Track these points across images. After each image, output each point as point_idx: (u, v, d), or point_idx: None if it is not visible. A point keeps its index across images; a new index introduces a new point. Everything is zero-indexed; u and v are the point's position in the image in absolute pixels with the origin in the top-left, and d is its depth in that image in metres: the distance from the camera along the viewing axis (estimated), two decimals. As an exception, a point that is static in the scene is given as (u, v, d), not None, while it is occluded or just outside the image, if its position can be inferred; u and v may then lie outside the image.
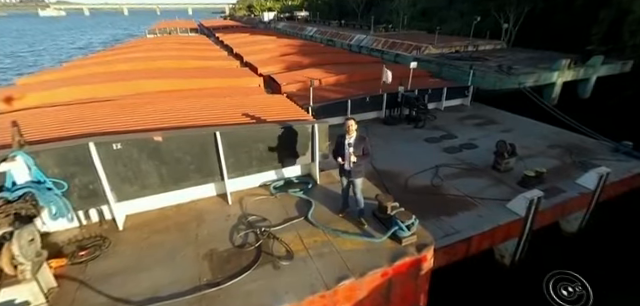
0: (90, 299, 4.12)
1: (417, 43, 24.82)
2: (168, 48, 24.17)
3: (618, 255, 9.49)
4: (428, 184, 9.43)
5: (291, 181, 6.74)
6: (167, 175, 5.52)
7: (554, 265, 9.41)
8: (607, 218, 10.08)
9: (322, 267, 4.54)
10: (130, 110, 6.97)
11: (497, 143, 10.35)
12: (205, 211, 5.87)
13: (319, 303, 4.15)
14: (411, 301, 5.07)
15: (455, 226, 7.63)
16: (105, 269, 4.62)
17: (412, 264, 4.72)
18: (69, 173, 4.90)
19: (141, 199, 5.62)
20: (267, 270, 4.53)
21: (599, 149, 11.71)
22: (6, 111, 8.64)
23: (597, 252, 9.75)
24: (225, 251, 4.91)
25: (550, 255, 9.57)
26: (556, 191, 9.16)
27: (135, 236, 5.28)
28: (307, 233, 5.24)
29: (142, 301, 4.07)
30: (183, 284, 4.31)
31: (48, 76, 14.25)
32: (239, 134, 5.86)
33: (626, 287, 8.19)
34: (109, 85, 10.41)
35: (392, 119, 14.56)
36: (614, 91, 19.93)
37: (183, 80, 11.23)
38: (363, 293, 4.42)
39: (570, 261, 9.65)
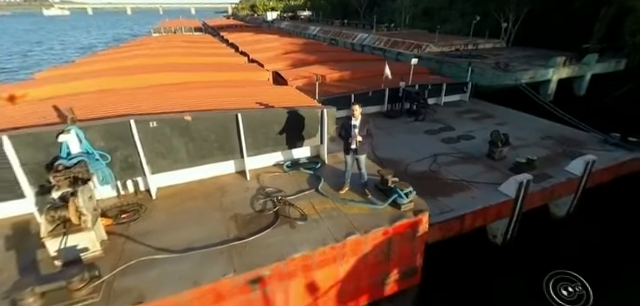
0: (136, 249, 4.87)
1: (418, 42, 25.52)
2: (177, 46, 24.94)
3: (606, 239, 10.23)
4: (426, 170, 10.13)
5: (302, 161, 7.48)
6: (194, 151, 6.28)
7: (543, 246, 10.21)
8: (595, 203, 10.78)
9: (332, 226, 5.28)
10: (158, 96, 7.73)
11: (491, 133, 11.05)
12: (226, 184, 6.63)
13: (330, 253, 4.89)
14: (408, 260, 5.80)
15: (450, 205, 8.33)
16: (145, 228, 5.38)
17: (409, 225, 5.45)
18: (112, 147, 5.66)
19: (171, 173, 6.38)
20: (284, 229, 5.28)
21: (589, 140, 12.37)
22: (36, 99, 9.43)
23: (585, 236, 10.51)
24: (247, 215, 5.66)
25: (540, 238, 10.30)
26: (545, 177, 9.86)
27: (167, 204, 6.03)
28: (318, 202, 5.98)
29: (180, 250, 4.82)
30: (213, 239, 5.06)
31: (65, 71, 15.02)
32: (257, 116, 6.62)
33: (624, 284, 8.40)
34: (129, 77, 11.18)
35: (394, 113, 15.27)
36: (609, 89, 20.60)
37: (197, 73, 12.01)
38: (367, 248, 5.16)
39: (559, 245, 10.48)
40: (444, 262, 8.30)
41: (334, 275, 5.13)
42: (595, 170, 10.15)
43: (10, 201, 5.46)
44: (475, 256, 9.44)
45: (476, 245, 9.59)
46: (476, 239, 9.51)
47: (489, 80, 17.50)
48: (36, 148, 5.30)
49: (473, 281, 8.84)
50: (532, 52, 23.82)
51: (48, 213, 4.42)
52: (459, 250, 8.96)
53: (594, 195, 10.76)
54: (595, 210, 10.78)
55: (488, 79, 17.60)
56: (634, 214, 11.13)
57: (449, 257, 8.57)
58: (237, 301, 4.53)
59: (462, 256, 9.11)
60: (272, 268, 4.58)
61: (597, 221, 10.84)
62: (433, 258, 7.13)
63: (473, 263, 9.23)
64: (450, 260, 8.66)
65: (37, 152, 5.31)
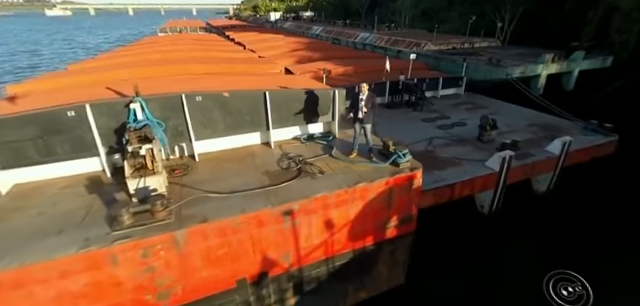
0: (191, 192, 6.20)
1: (417, 40, 26.88)
2: (188, 43, 26.31)
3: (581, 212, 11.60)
4: (423, 150, 11.48)
5: (316, 135, 8.83)
6: (230, 123, 7.63)
7: (526, 218, 11.57)
8: (573, 181, 12.13)
9: (344, 178, 6.61)
10: (191, 82, 9.08)
11: (481, 117, 12.43)
12: (255, 152, 7.97)
13: (343, 196, 6.23)
14: (406, 209, 7.14)
15: (443, 177, 9.68)
16: (194, 180, 6.71)
17: (407, 178, 6.79)
18: (166, 116, 7.00)
19: (211, 140, 7.72)
20: (307, 180, 6.61)
21: (571, 127, 13.72)
22: (79, 85, 10.79)
23: (563, 209, 11.86)
24: (276, 171, 7.00)
25: (523, 210, 11.66)
26: (528, 155, 11.22)
27: (208, 165, 7.37)
28: (332, 162, 7.32)
29: (227, 192, 6.17)
30: (251, 185, 6.40)
31: (94, 64, 16.39)
32: (282, 95, 7.97)
33: (624, 285, 8.56)
34: (157, 68, 12.53)
35: (394, 103, 16.64)
36: (598, 84, 21.94)
37: (218, 65, 13.37)
38: (372, 194, 6.50)
39: (540, 216, 11.84)
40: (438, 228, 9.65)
41: (346, 215, 6.47)
42: (572, 150, 11.50)
43: (87, 158, 6.81)
44: (465, 223, 10.82)
45: (466, 215, 10.97)
46: (466, 209, 10.92)
47: (482, 75, 18.86)
48: (108, 116, 6.65)
49: (462, 241, 10.25)
50: (525, 50, 25.15)
51: (129, 159, 5.77)
52: (451, 218, 10.35)
53: (573, 173, 12.12)
54: (573, 187, 12.14)
55: (482, 74, 18.95)
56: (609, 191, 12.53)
57: (443, 224, 9.93)
58: (273, 229, 5.87)
59: (454, 223, 10.50)
60: (300, 204, 5.91)
61: (575, 196, 12.20)
62: (428, 222, 8.43)
63: (463, 228, 10.62)
64: (444, 226, 10.03)
65: (109, 119, 6.66)
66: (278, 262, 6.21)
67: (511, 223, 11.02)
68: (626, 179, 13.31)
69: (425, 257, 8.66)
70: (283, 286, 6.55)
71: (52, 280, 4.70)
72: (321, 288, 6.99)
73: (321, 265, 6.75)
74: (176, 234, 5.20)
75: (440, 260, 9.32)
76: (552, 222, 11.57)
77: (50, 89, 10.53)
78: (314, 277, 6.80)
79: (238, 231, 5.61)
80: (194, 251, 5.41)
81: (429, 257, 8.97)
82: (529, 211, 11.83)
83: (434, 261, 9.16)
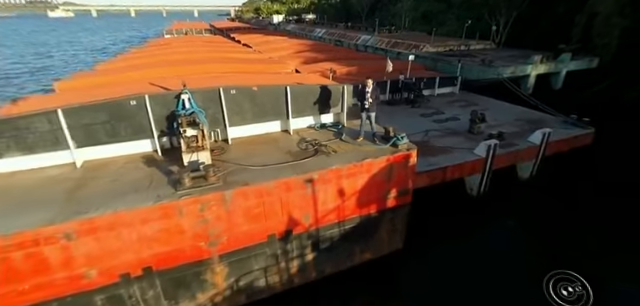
0: (229, 166, 7.71)
1: (416, 43, 28.43)
2: (200, 45, 27.83)
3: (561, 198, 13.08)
4: (420, 140, 12.98)
5: (327, 124, 10.34)
6: (256, 112, 9.14)
7: (510, 200, 13.07)
8: (553, 169, 13.63)
9: (353, 155, 8.12)
10: (220, 79, 10.61)
11: (471, 112, 13.96)
12: (277, 137, 9.47)
13: (353, 169, 7.73)
14: (403, 183, 8.64)
15: (436, 162, 11.20)
16: (231, 158, 8.22)
17: (404, 157, 8.30)
18: (206, 106, 8.51)
19: (241, 127, 9.23)
20: (322, 157, 8.11)
21: (553, 121, 15.24)
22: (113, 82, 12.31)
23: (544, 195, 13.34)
24: (297, 151, 8.49)
25: (508, 194, 13.16)
26: (512, 144, 12.75)
27: (240, 147, 8.87)
28: (342, 145, 8.84)
29: (259, 165, 7.69)
30: (278, 160, 7.92)
31: (119, 64, 17.91)
32: (299, 89, 9.48)
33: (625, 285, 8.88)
34: (185, 67, 14.08)
35: (394, 101, 18.17)
36: (584, 83, 23.48)
37: (236, 64, 14.91)
38: (376, 169, 8.00)
39: (523, 199, 13.36)
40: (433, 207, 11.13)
41: (355, 186, 7.97)
42: (552, 141, 13.02)
43: (142, 140, 8.34)
44: (456, 204, 12.32)
45: (457, 196, 12.48)
46: (457, 192, 12.42)
47: (476, 74, 20.40)
48: (162, 105, 8.16)
49: (454, 218, 11.76)
50: (518, 52, 26.68)
51: (185, 139, 7.30)
52: (444, 199, 11.84)
53: (554, 162, 13.62)
54: (554, 174, 13.66)
55: (475, 73, 20.49)
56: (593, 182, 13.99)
57: (437, 204, 11.41)
58: (297, 193, 7.37)
59: (447, 203, 11.99)
60: (319, 173, 7.41)
61: (556, 183, 13.70)
62: (424, 202, 9.87)
63: (455, 208, 12.13)
64: (438, 206, 11.52)
65: (162, 108, 8.18)
66: (300, 222, 7.73)
67: (497, 204, 12.52)
68: (611, 172, 14.71)
69: (422, 230, 10.17)
70: (303, 243, 8.06)
71: (135, 225, 6.21)
72: (333, 247, 8.51)
73: (334, 227, 8.26)
74: (225, 193, 6.72)
75: (435, 233, 10.83)
76: (535, 206, 13.10)
77: (92, 85, 12.06)
78: (328, 237, 8.31)
79: (271, 194, 7.13)
80: (237, 209, 6.93)
81: (425, 230, 10.49)
82: (513, 194, 13.35)
83: (430, 233, 10.67)
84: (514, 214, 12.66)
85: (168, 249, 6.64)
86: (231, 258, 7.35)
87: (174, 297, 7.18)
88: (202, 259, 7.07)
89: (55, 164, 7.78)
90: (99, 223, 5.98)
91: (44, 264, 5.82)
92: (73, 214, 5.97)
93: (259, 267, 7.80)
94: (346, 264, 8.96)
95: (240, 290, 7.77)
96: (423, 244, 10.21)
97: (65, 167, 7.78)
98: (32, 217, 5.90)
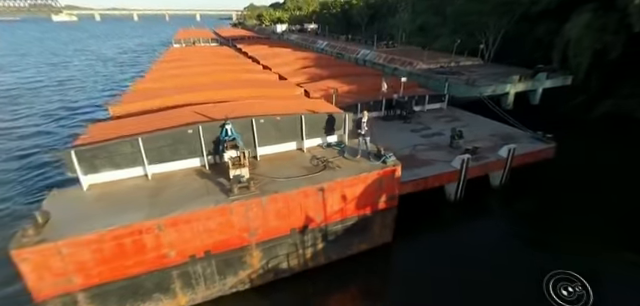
0: (262, 179, 10.46)
1: (411, 59, 31.26)
2: (215, 61, 30.68)
3: (522, 198, 15.83)
4: (407, 153, 15.75)
5: (333, 144, 13.11)
6: (279, 135, 11.93)
7: (482, 204, 15.79)
8: (521, 177, 16.37)
9: (353, 170, 10.88)
10: (247, 107, 13.41)
11: (451, 129, 16.75)
12: (293, 155, 12.22)
13: (353, 180, 10.45)
14: (391, 190, 11.39)
15: (420, 173, 13.96)
16: (261, 171, 10.97)
17: (391, 171, 11.07)
18: (242, 131, 11.28)
19: (267, 147, 11.99)
20: (329, 171, 10.87)
21: (523, 137, 17.99)
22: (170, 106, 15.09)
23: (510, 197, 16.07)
24: (310, 166, 11.27)
25: (479, 198, 15.88)
26: (484, 157, 15.51)
27: (266, 162, 11.62)
28: (344, 161, 11.61)
29: (283, 177, 10.44)
30: (297, 174, 10.69)
31: (155, 84, 20.57)
32: (311, 117, 12.25)
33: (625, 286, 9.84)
34: (216, 92, 16.92)
35: (389, 117, 20.96)
36: (560, 99, 26.29)
37: (254, 89, 17.77)
38: (370, 180, 10.76)
39: (493, 202, 16.11)
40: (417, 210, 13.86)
41: (354, 193, 10.72)
42: (517, 154, 15.77)
43: (194, 158, 11.11)
44: (436, 207, 15.06)
45: (437, 202, 15.21)
46: (437, 198, 15.16)
47: (461, 93, 23.21)
48: (209, 132, 10.94)
49: (434, 219, 14.51)
50: (503, 69, 29.44)
51: (231, 158, 10.06)
52: (428, 205, 14.56)
53: (521, 172, 16.35)
54: (519, 182, 16.40)
55: (461, 92, 23.31)
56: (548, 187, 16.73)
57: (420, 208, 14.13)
58: (312, 199, 10.12)
59: (428, 207, 14.72)
60: (327, 184, 10.17)
61: (522, 190, 16.43)
62: (409, 206, 12.65)
63: (435, 211, 14.88)
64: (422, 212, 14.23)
65: (210, 134, 10.96)
66: (314, 220, 10.48)
67: (470, 206, 15.26)
68: (570, 176, 17.37)
69: (408, 227, 12.91)
70: (315, 236, 10.82)
71: (202, 220, 8.97)
72: (338, 239, 11.27)
73: (338, 224, 11.02)
74: (262, 199, 9.49)
75: (417, 229, 13.56)
76: (502, 207, 15.88)
77: (142, 109, 14.83)
78: (334, 231, 11.07)
79: (293, 199, 9.89)
80: (270, 210, 9.69)
81: (410, 227, 13.22)
82: (485, 199, 16.10)
83: (413, 230, 13.40)
84: (483, 214, 15.43)
85: (222, 238, 9.41)
86: (264, 246, 10.11)
87: (223, 273, 9.94)
88: (244, 246, 9.83)
89: (133, 176, 10.55)
90: (179, 219, 8.74)
91: (143, 247, 8.58)
92: (160, 213, 8.74)
93: (283, 253, 10.56)
94: (347, 252, 11.71)
95: (269, 270, 10.53)
96: (408, 238, 12.93)
97: (140, 179, 10.55)
98: (132, 215, 8.67)
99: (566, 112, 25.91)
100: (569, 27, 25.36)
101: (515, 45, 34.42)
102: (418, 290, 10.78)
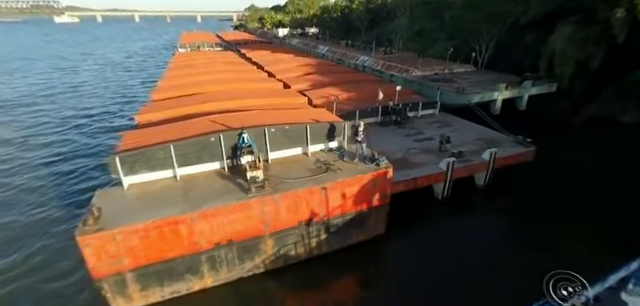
0: (274, 179, 12.34)
1: (407, 66, 33.12)
2: (221, 69, 32.58)
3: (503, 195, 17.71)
4: (401, 156, 17.62)
5: (333, 148, 15.00)
6: (287, 142, 13.82)
7: (467, 202, 17.67)
8: (503, 178, 18.24)
9: (351, 172, 12.76)
10: (258, 116, 15.31)
11: (440, 135, 18.64)
12: (300, 159, 14.12)
13: (352, 181, 12.32)
14: (384, 189, 13.28)
15: (411, 174, 15.84)
16: (273, 173, 12.85)
17: (384, 173, 12.96)
18: (256, 139, 13.15)
19: (277, 152, 13.88)
20: (331, 173, 12.77)
21: (505, 141, 19.86)
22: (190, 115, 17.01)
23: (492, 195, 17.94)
24: (314, 168, 13.15)
25: (464, 197, 17.75)
26: (468, 160, 17.39)
27: (277, 165, 13.51)
28: (343, 164, 13.50)
29: (291, 178, 12.32)
30: (303, 175, 12.57)
31: (172, 92, 22.33)
32: (315, 126, 14.14)
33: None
34: (231, 102, 18.81)
35: (384, 123, 22.84)
36: (546, 105, 28.15)
37: (265, 99, 19.74)
38: (366, 180, 12.64)
39: (477, 199, 17.98)
40: (409, 211, 15.74)
41: (352, 191, 12.60)
42: (498, 157, 17.63)
43: (216, 162, 13.00)
44: (425, 205, 16.95)
45: (427, 200, 17.09)
46: (427, 196, 17.03)
47: (452, 100, 25.09)
48: (228, 139, 12.83)
49: (423, 215, 16.39)
50: (494, 77, 31.23)
51: (247, 162, 11.95)
52: (417, 203, 16.44)
53: (504, 173, 18.22)
54: (502, 182, 18.27)
55: (452, 99, 25.18)
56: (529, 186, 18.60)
57: (412, 207, 16.02)
58: (317, 196, 11.99)
59: (419, 206, 16.59)
60: (330, 183, 12.06)
61: (501, 188, 18.29)
62: (401, 203, 14.55)
63: (424, 208, 16.76)
64: (412, 209, 16.12)
65: (229, 141, 12.85)
66: (318, 214, 12.37)
67: (455, 204, 17.13)
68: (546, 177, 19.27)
69: (400, 222, 14.79)
70: (319, 228, 12.71)
71: (225, 214, 10.87)
72: (339, 231, 13.16)
73: (339, 218, 12.91)
74: (275, 196, 11.38)
75: (408, 224, 15.45)
76: (484, 204, 17.77)
77: (165, 118, 16.75)
78: (335, 224, 12.96)
79: (301, 197, 11.78)
80: (281, 205, 11.58)
81: (402, 222, 15.09)
82: (470, 197, 17.98)
83: (404, 224, 15.28)
84: (468, 210, 17.31)
85: (242, 228, 11.30)
86: (276, 236, 12.01)
87: (242, 259, 11.84)
88: (259, 235, 11.73)
89: (164, 178, 12.44)
90: (208, 213, 10.64)
91: (179, 235, 10.48)
92: (193, 208, 10.64)
93: (292, 242, 12.45)
94: (347, 242, 13.61)
95: (280, 256, 12.43)
96: (400, 230, 14.81)
97: (170, 180, 12.44)
98: (169, 209, 10.57)
99: (552, 117, 27.79)
100: (553, 38, 27.22)
101: (506, 53, 36.18)
102: (407, 274, 12.67)
